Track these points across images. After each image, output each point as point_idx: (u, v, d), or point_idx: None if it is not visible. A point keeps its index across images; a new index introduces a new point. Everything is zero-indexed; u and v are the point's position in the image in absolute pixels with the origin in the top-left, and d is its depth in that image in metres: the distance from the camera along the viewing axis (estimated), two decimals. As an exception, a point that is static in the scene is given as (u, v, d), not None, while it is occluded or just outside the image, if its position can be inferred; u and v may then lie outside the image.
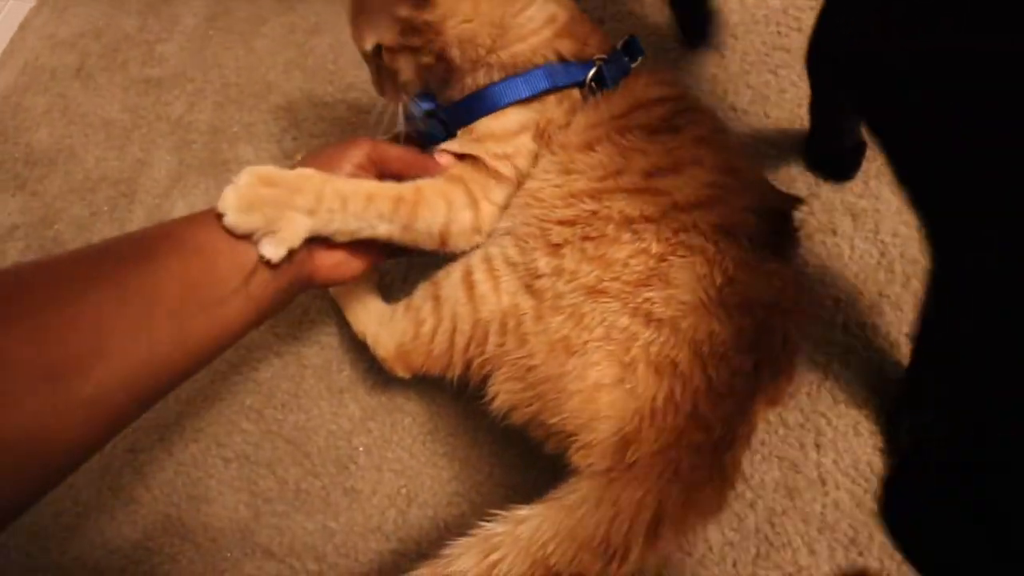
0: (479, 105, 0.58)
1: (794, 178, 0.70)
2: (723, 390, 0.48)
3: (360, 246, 0.56)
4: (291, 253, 0.49)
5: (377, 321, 0.66)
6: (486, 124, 0.59)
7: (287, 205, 0.49)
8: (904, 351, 0.63)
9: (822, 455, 0.61)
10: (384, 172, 0.57)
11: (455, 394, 0.60)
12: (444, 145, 0.60)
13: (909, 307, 0.64)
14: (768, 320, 0.50)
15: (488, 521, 0.49)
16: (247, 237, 0.48)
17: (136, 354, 0.40)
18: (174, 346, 0.43)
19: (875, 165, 0.69)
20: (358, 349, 0.73)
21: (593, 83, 0.58)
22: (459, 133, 0.60)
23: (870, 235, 0.67)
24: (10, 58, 1.15)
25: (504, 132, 0.58)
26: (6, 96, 1.11)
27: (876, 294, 0.65)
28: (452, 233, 0.58)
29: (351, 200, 0.53)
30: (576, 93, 0.59)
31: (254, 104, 0.93)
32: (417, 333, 0.60)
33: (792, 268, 0.54)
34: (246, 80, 0.96)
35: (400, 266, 0.76)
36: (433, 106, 0.61)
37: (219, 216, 0.47)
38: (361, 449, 0.70)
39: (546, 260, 0.53)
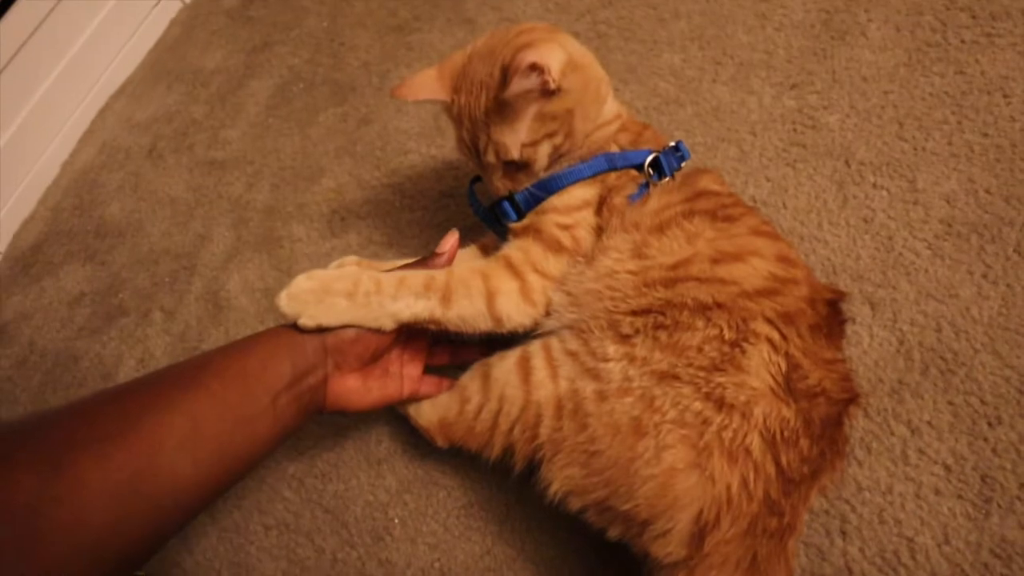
0: (549, 187, 0.66)
1: (812, 267, 0.74)
2: (793, 476, 0.50)
3: (379, 376, 0.64)
4: (323, 342, 0.58)
5: (419, 394, 0.70)
6: (550, 201, 0.66)
7: (327, 292, 0.58)
8: (927, 439, 0.64)
9: (848, 543, 0.61)
10: None
11: (495, 474, 0.63)
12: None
13: (929, 395, 0.66)
14: (830, 409, 0.52)
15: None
16: (295, 325, 0.58)
17: (183, 471, 0.47)
18: (214, 462, 0.49)
19: (892, 256, 0.72)
20: (397, 422, 0.77)
21: (651, 168, 0.65)
22: (528, 215, 0.67)
23: (888, 323, 0.70)
24: (90, 138, 1.27)
25: (566, 206, 0.65)
26: (84, 172, 1.22)
27: (896, 381, 0.67)
28: (499, 303, 0.61)
29: (385, 282, 0.59)
30: (634, 171, 0.65)
31: (307, 186, 1.01)
32: (462, 409, 0.63)
33: (845, 359, 0.57)
34: (301, 164, 1.04)
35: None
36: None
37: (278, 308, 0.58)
38: (397, 521, 0.73)
39: (615, 348, 0.56)
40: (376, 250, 0.91)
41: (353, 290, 0.58)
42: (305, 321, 0.57)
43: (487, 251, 0.74)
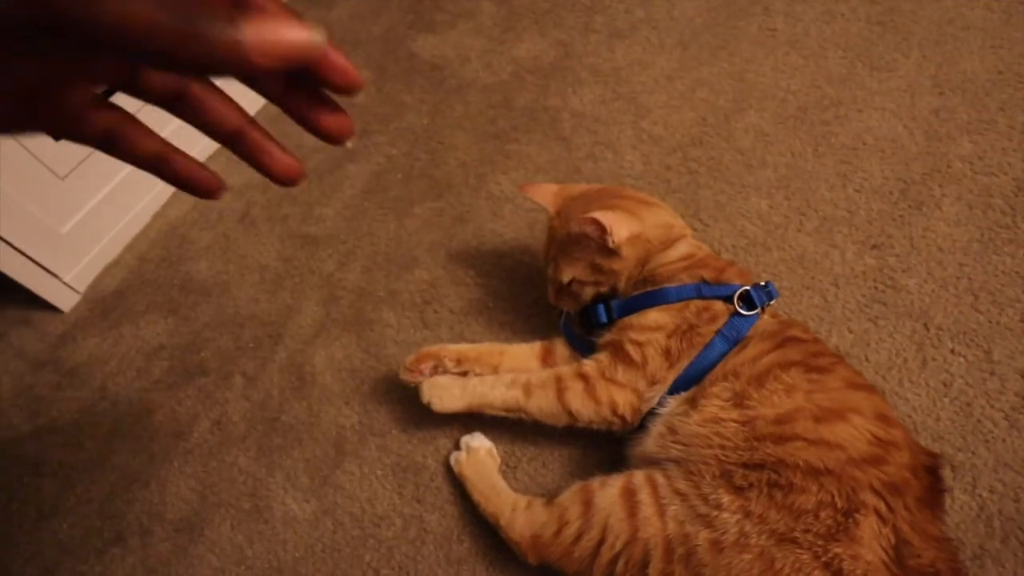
0: (642, 302, 0.78)
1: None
2: None
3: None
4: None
5: (511, 506, 0.75)
6: (629, 319, 0.78)
7: (449, 386, 0.81)
8: (1007, 610, 0.68)
9: None
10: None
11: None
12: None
13: (1010, 564, 0.70)
14: None
15: None
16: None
17: None
18: None
19: (971, 422, 0.78)
20: (480, 523, 0.80)
21: (740, 300, 0.73)
22: (612, 331, 0.79)
23: (968, 488, 0.75)
24: (184, 194, 1.36)
25: (641, 326, 0.76)
26: (175, 227, 1.30)
27: (978, 547, 0.72)
28: (567, 397, 0.76)
29: (487, 379, 0.81)
30: (719, 306, 0.74)
31: (399, 274, 1.09)
32: (560, 531, 0.67)
33: (952, 537, 0.61)
34: (394, 251, 1.13)
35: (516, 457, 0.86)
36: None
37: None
38: (475, 626, 0.75)
39: (729, 499, 0.61)
40: (466, 346, 0.98)
41: (465, 385, 0.81)
42: (436, 404, 0.80)
43: (548, 352, 0.88)
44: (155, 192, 1.34)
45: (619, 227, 0.76)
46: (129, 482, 0.98)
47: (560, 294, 0.85)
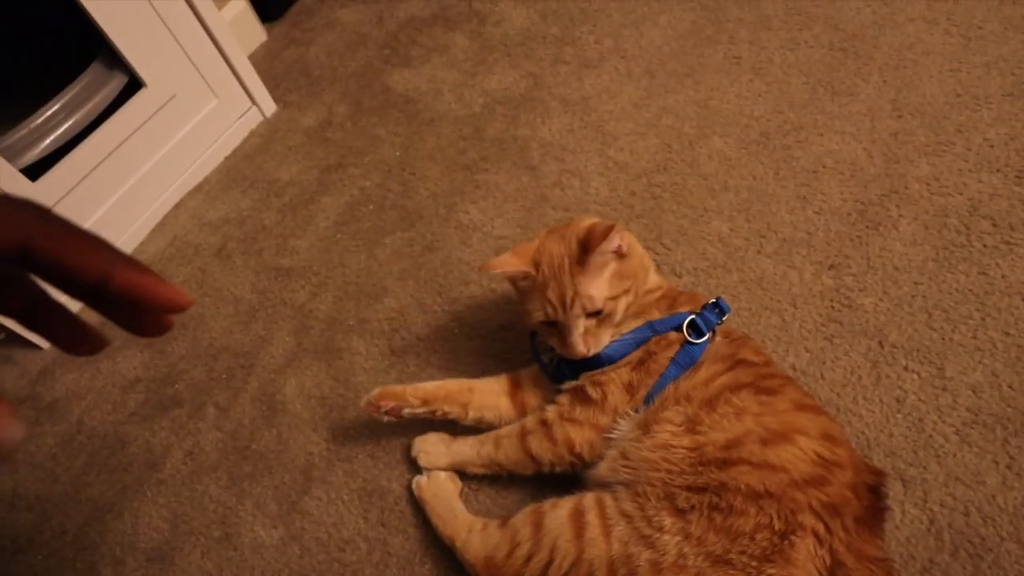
0: (601, 360, 0.81)
1: (848, 438, 0.84)
2: None
3: None
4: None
5: (466, 528, 0.79)
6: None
7: (436, 443, 0.90)
8: (957, 623, 0.71)
9: None
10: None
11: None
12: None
13: (960, 578, 0.74)
14: None
15: None
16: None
17: None
18: None
19: (922, 437, 0.83)
20: (441, 546, 0.85)
21: (690, 328, 0.79)
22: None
23: (919, 502, 0.79)
24: (162, 230, 1.43)
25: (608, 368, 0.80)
26: (152, 262, 1.37)
27: (927, 560, 0.75)
28: (529, 444, 0.81)
29: (468, 438, 0.88)
30: (673, 334, 0.79)
31: (369, 303, 1.15)
32: (511, 552, 0.72)
33: (888, 556, 0.65)
34: (365, 281, 1.19)
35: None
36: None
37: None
38: (434, 650, 0.79)
39: (671, 521, 0.65)
40: (433, 373, 1.03)
41: (450, 444, 0.90)
42: (423, 459, 0.89)
43: (515, 385, 0.91)
44: (133, 229, 1.41)
45: (618, 231, 0.77)
46: (103, 513, 1.03)
47: (593, 333, 0.79)
